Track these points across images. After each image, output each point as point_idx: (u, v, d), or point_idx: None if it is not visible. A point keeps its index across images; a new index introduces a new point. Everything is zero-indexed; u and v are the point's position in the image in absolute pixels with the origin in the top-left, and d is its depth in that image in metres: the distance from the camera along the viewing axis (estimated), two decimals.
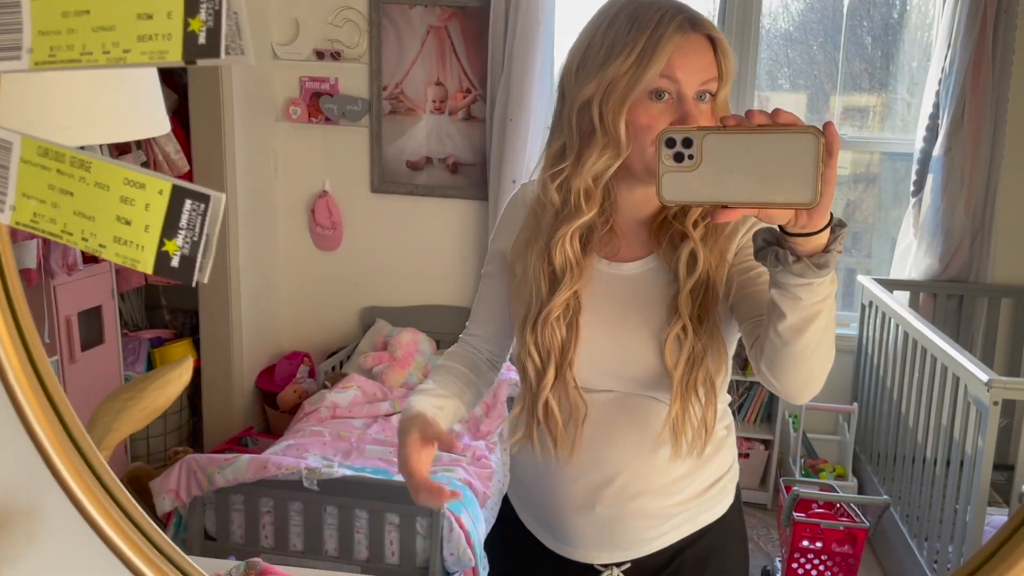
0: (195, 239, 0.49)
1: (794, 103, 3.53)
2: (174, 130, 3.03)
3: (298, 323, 3.58)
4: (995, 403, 1.96)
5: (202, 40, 0.46)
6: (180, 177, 3.04)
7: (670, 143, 0.73)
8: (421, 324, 3.35)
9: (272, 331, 3.52)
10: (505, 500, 1.29)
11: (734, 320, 1.08)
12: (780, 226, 0.81)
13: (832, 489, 2.63)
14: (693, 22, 0.98)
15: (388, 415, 2.97)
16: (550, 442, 1.11)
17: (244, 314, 3.25)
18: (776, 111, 0.74)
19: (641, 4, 0.99)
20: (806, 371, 0.94)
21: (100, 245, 0.55)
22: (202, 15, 0.45)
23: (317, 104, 3.41)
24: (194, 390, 3.34)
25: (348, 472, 2.31)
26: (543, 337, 1.07)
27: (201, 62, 0.47)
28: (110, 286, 2.85)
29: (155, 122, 0.69)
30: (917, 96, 3.26)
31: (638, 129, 0.99)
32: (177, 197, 0.49)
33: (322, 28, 3.37)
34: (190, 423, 3.38)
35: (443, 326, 3.32)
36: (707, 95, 1.00)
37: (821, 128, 0.73)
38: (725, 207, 0.75)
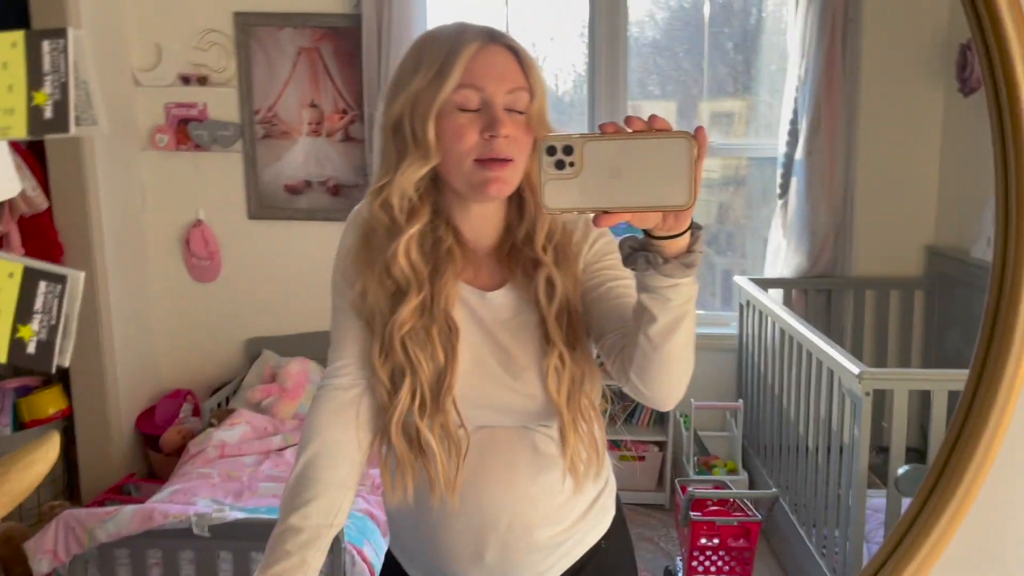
0: (52, 322, 0.46)
1: (665, 110, 3.65)
2: (30, 164, 2.85)
3: (178, 360, 3.43)
4: (867, 393, 2.08)
5: (48, 114, 0.42)
6: (40, 215, 2.86)
7: (551, 151, 0.74)
8: (310, 352, 3.26)
9: (150, 370, 3.35)
10: (389, 555, 1.24)
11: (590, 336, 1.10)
12: (646, 231, 0.83)
13: (725, 486, 2.72)
14: (492, 35, 1.02)
15: (280, 449, 2.87)
16: (428, 485, 1.06)
17: (118, 354, 3.08)
18: (652, 117, 0.76)
19: (444, 28, 1.04)
20: (675, 374, 0.97)
21: None
22: (47, 88, 0.42)
23: (185, 131, 3.28)
24: (66, 438, 3.14)
25: (241, 514, 2.22)
26: (397, 356, 1.03)
27: (49, 137, 0.43)
28: None
29: (3, 184, 0.64)
30: (777, 98, 3.42)
31: (449, 140, 1.00)
32: (30, 279, 0.45)
33: (186, 52, 3.25)
34: (65, 475, 3.17)
35: None
36: (518, 112, 1.02)
37: (692, 132, 0.75)
38: (607, 212, 0.76)
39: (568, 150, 0.74)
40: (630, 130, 0.76)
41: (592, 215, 0.77)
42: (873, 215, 3.25)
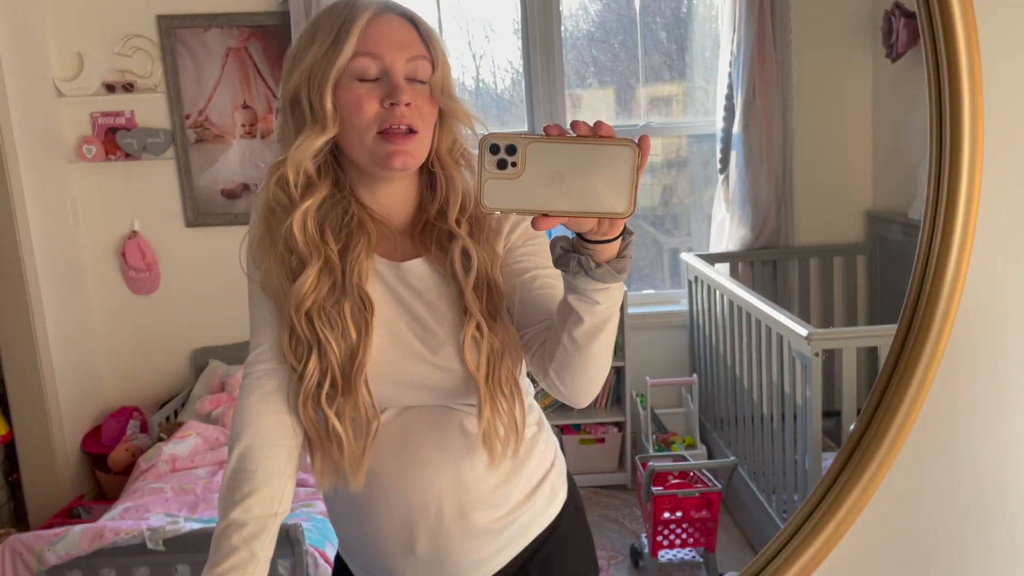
0: None
1: (603, 98, 3.66)
2: None
3: (123, 376, 3.33)
4: (816, 354, 2.11)
5: None
6: None
7: (494, 149, 0.73)
8: None
9: (93, 388, 3.25)
10: (338, 558, 1.20)
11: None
12: (579, 234, 0.82)
13: (684, 459, 2.74)
14: (386, 5, 1.00)
15: None
16: (335, 470, 1.02)
17: (59, 374, 2.98)
18: (598, 123, 0.75)
19: (338, 2, 1.01)
20: (594, 374, 0.97)
21: None
22: None
23: (114, 140, 3.19)
24: (10, 464, 3.03)
25: (196, 525, 2.16)
26: (304, 334, 1.00)
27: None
28: None
29: None
30: (712, 82, 3.46)
31: (348, 110, 0.97)
32: None
33: (109, 59, 3.15)
34: (11, 502, 3.06)
35: None
36: (419, 81, 1.00)
37: (637, 141, 0.74)
38: (546, 215, 0.75)
39: (511, 150, 0.73)
40: (575, 134, 0.75)
41: (531, 217, 0.76)
42: (812, 184, 3.30)
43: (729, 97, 3.25)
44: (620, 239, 0.83)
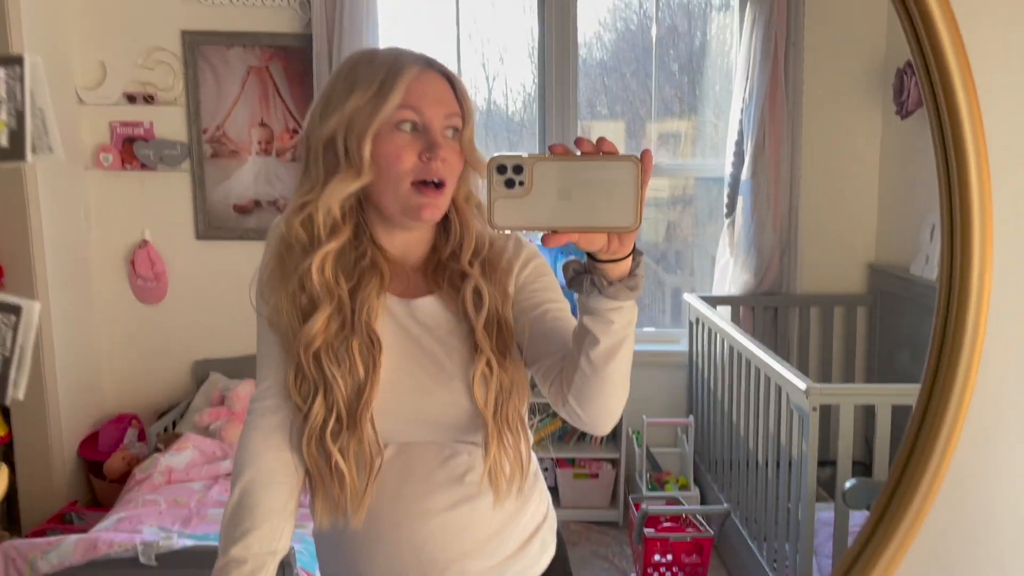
0: (6, 355, 0.45)
1: (613, 131, 3.70)
2: None
3: (123, 383, 3.34)
4: (814, 409, 2.12)
5: (3, 142, 0.42)
6: None
7: (501, 169, 0.76)
8: None
9: (94, 394, 3.27)
10: None
11: (524, 360, 1.09)
12: (590, 254, 0.85)
13: (677, 502, 2.75)
14: (429, 61, 1.04)
15: (230, 474, 2.81)
16: (335, 507, 1.03)
17: (60, 378, 2.99)
18: (600, 140, 0.77)
19: (379, 51, 1.05)
20: (613, 397, 0.97)
21: None
22: (2, 115, 0.42)
23: (131, 150, 3.22)
24: (6, 464, 3.03)
25: (189, 542, 2.17)
26: (310, 374, 1.02)
27: (3, 165, 0.43)
28: None
29: None
30: (722, 119, 3.51)
31: (386, 160, 1.00)
32: None
33: (132, 70, 3.20)
34: (4, 504, 3.06)
35: None
36: (454, 131, 1.04)
37: (639, 156, 0.77)
38: (555, 232, 0.78)
39: (518, 169, 0.76)
40: (579, 152, 0.77)
41: (540, 234, 0.78)
42: (817, 234, 3.34)
43: (739, 143, 3.29)
44: (631, 258, 0.85)
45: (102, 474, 3.01)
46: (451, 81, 1.05)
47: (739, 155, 3.30)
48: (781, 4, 3.14)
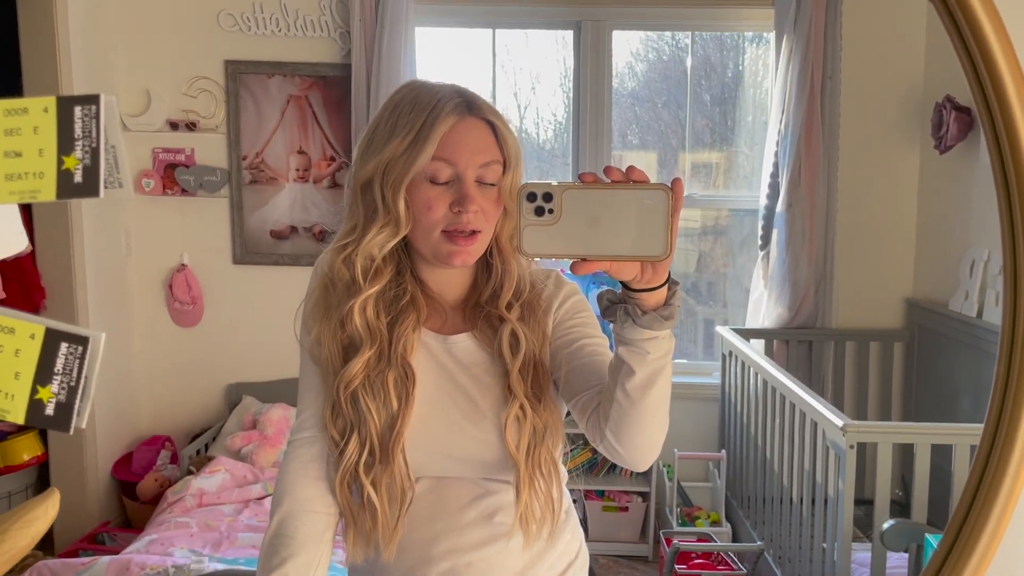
0: (72, 384, 0.46)
1: (645, 161, 3.70)
2: None
3: (157, 405, 3.38)
4: (851, 446, 2.09)
5: (78, 178, 0.43)
6: (23, 258, 2.83)
7: (531, 197, 0.76)
8: (291, 399, 3.20)
9: (129, 415, 3.31)
10: None
11: (561, 395, 1.08)
12: (624, 284, 0.84)
13: (709, 537, 2.71)
14: (470, 106, 1.02)
15: (260, 498, 2.83)
16: (367, 541, 1.04)
17: (96, 399, 3.02)
18: (630, 168, 0.77)
19: (423, 89, 1.03)
20: (650, 431, 0.95)
21: None
22: (77, 153, 0.43)
23: (172, 175, 3.29)
24: (41, 484, 3.07)
25: (220, 566, 2.18)
26: (347, 411, 1.03)
27: (76, 199, 0.44)
28: None
29: (11, 240, 0.64)
30: (756, 150, 3.50)
31: (418, 210, 1.01)
32: (51, 341, 0.46)
33: (175, 98, 3.27)
34: None
35: None
36: (489, 184, 1.02)
37: (670, 184, 0.76)
38: (584, 260, 0.77)
39: (548, 197, 0.76)
40: (609, 180, 0.77)
41: (570, 262, 0.78)
42: (853, 268, 3.30)
43: (774, 175, 3.28)
44: (666, 287, 0.84)
45: (135, 495, 3.04)
46: (493, 126, 1.03)
47: (774, 187, 3.28)
48: (818, 37, 3.14)
